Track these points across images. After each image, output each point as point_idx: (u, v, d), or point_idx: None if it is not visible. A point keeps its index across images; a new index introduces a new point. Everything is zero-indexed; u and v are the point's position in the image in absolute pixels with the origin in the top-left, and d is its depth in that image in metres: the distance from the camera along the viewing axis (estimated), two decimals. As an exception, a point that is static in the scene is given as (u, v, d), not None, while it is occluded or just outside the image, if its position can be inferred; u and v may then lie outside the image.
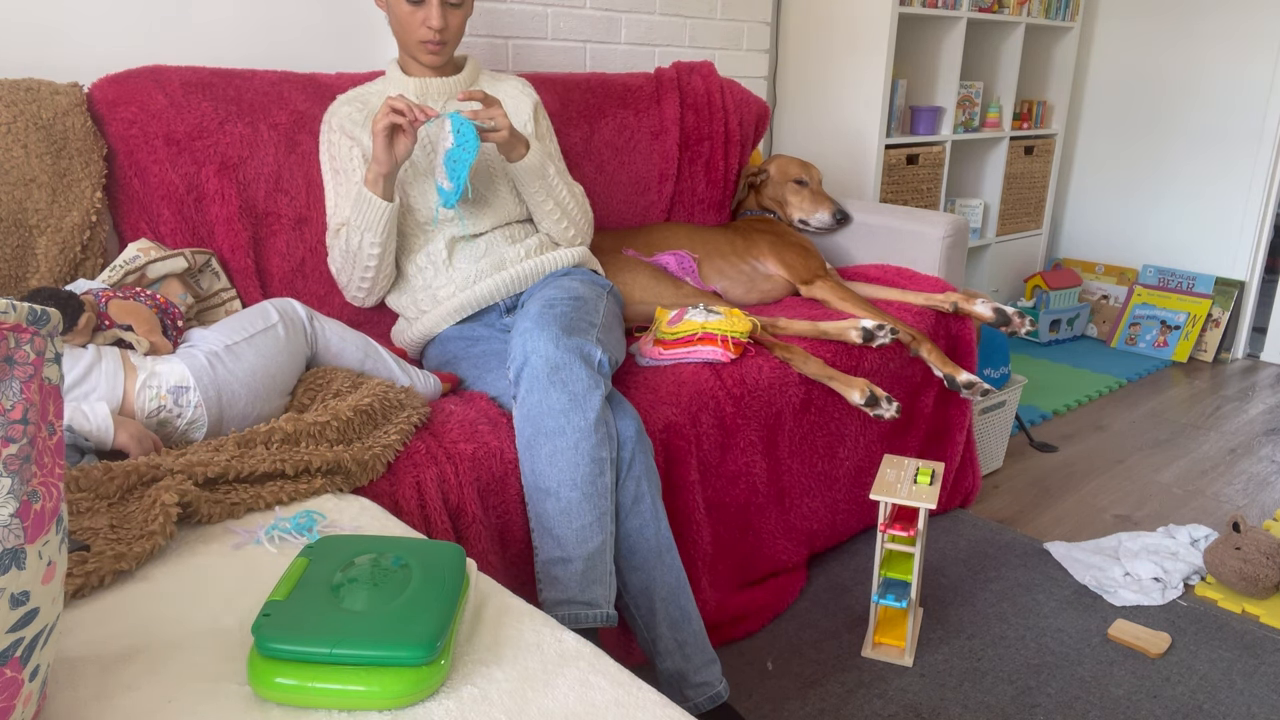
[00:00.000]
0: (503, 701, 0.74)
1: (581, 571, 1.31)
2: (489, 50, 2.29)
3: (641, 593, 1.39)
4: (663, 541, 1.40)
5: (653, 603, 1.38)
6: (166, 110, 1.62)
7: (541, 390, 1.34)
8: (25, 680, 0.62)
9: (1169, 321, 3.54)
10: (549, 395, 1.33)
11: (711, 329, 1.69)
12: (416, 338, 1.71)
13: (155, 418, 1.23)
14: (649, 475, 1.40)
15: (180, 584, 0.91)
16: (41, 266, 1.49)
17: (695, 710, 1.40)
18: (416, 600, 0.76)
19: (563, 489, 1.31)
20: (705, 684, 1.40)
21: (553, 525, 1.32)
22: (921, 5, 2.89)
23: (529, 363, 1.36)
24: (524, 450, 1.35)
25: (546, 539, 1.32)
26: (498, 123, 1.53)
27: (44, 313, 0.62)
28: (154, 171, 1.61)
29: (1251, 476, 2.48)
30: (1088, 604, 1.85)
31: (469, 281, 1.67)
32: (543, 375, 1.34)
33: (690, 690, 1.40)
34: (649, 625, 1.39)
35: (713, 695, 1.41)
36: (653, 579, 1.39)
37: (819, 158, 3.02)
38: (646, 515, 1.38)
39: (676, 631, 1.39)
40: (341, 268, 1.67)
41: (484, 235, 1.70)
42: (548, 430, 1.33)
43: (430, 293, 1.68)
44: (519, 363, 1.37)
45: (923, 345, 1.96)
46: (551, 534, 1.32)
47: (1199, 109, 3.52)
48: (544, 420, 1.33)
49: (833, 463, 1.91)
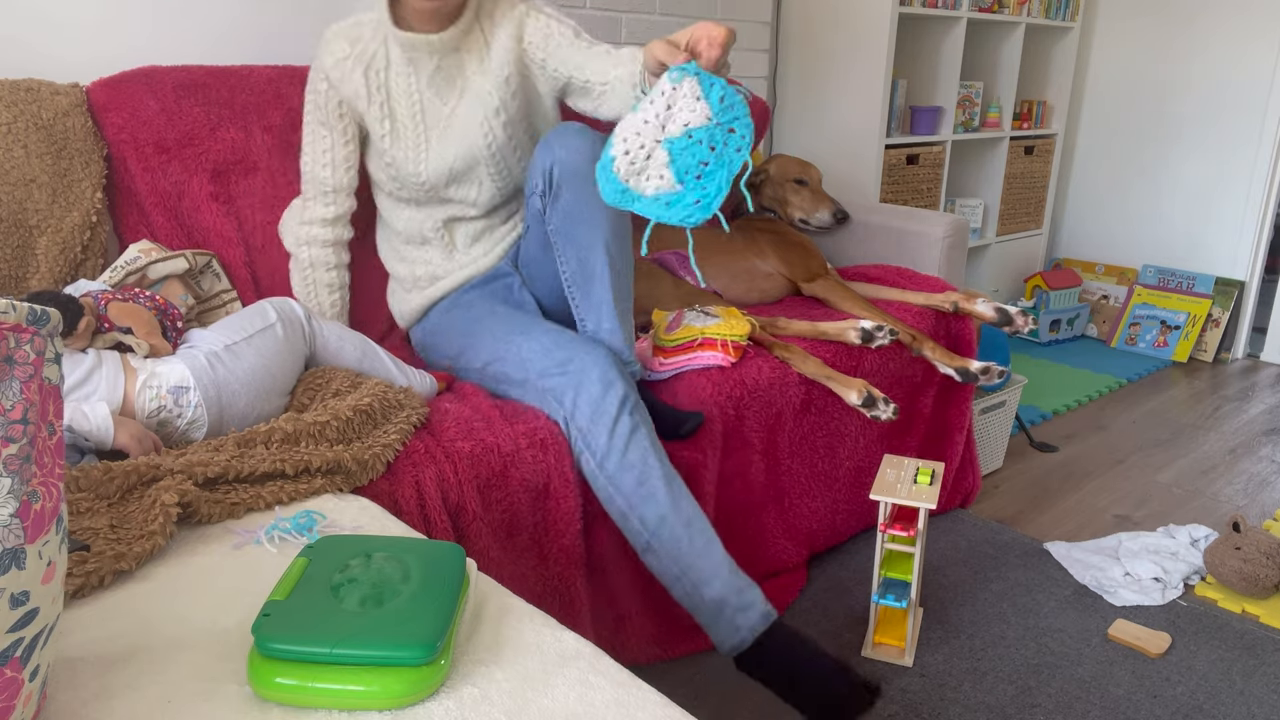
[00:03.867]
0: (503, 701, 0.74)
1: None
2: (489, 50, 2.29)
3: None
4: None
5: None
6: (157, 117, 1.61)
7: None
8: (25, 680, 0.62)
9: (1169, 321, 3.54)
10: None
11: (711, 334, 1.69)
12: (415, 309, 1.74)
13: (155, 418, 1.23)
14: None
15: (180, 584, 0.91)
16: (42, 267, 1.49)
17: (751, 635, 1.36)
18: (416, 600, 0.76)
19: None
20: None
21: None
22: (921, 5, 2.89)
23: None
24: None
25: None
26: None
27: (44, 313, 0.62)
28: (144, 179, 1.61)
29: (1251, 476, 2.48)
30: (1088, 604, 1.85)
31: (471, 260, 1.69)
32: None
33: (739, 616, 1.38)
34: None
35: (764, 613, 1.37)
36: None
37: (819, 158, 3.02)
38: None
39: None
40: (294, 260, 1.69)
41: (482, 219, 1.70)
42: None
43: (429, 269, 1.71)
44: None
45: (925, 345, 1.96)
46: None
47: (1199, 109, 3.52)
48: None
49: (833, 463, 1.91)
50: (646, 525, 1.38)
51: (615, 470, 1.38)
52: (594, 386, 1.40)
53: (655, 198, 1.02)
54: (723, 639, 1.37)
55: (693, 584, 1.36)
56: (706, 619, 1.37)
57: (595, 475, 1.40)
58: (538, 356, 1.46)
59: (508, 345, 1.52)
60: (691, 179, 0.99)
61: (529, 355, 1.48)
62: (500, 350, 1.53)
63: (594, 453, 1.39)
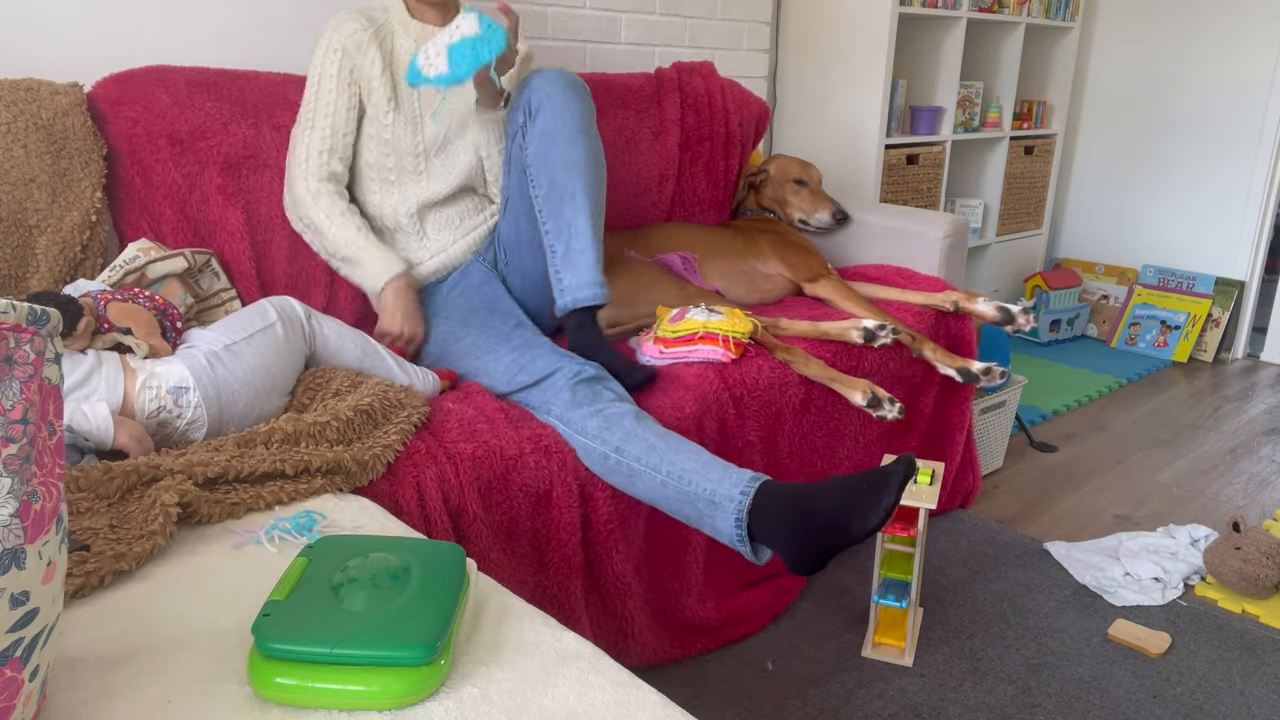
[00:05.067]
0: (503, 701, 0.74)
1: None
2: (489, 50, 2.29)
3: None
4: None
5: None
6: (170, 109, 1.62)
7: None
8: (25, 680, 0.62)
9: (1169, 321, 3.54)
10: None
11: (713, 328, 1.69)
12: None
13: (155, 418, 1.23)
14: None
15: (180, 584, 0.91)
16: (41, 266, 1.49)
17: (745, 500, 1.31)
18: (416, 600, 0.76)
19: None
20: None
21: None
22: (921, 5, 2.89)
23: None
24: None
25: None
26: (509, 33, 1.53)
27: (44, 313, 0.62)
28: (157, 170, 1.62)
29: (1251, 476, 2.48)
30: (1088, 604, 1.85)
31: (441, 248, 1.75)
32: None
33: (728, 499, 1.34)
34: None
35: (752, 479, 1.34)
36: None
37: (819, 158, 3.02)
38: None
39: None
40: (299, 227, 1.71)
41: (455, 205, 1.76)
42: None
43: (401, 256, 1.74)
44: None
45: (925, 345, 1.96)
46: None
47: (1199, 109, 3.52)
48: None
49: (832, 463, 1.91)
50: (621, 451, 1.39)
51: (581, 420, 1.42)
52: (564, 393, 1.45)
53: (436, 77, 1.51)
54: (725, 519, 1.31)
55: (678, 478, 1.35)
56: (705, 507, 1.33)
57: (574, 438, 1.44)
58: (503, 380, 1.53)
59: (476, 362, 1.59)
60: (454, 65, 1.49)
61: (496, 376, 1.55)
62: (469, 369, 1.60)
63: (568, 423, 1.44)
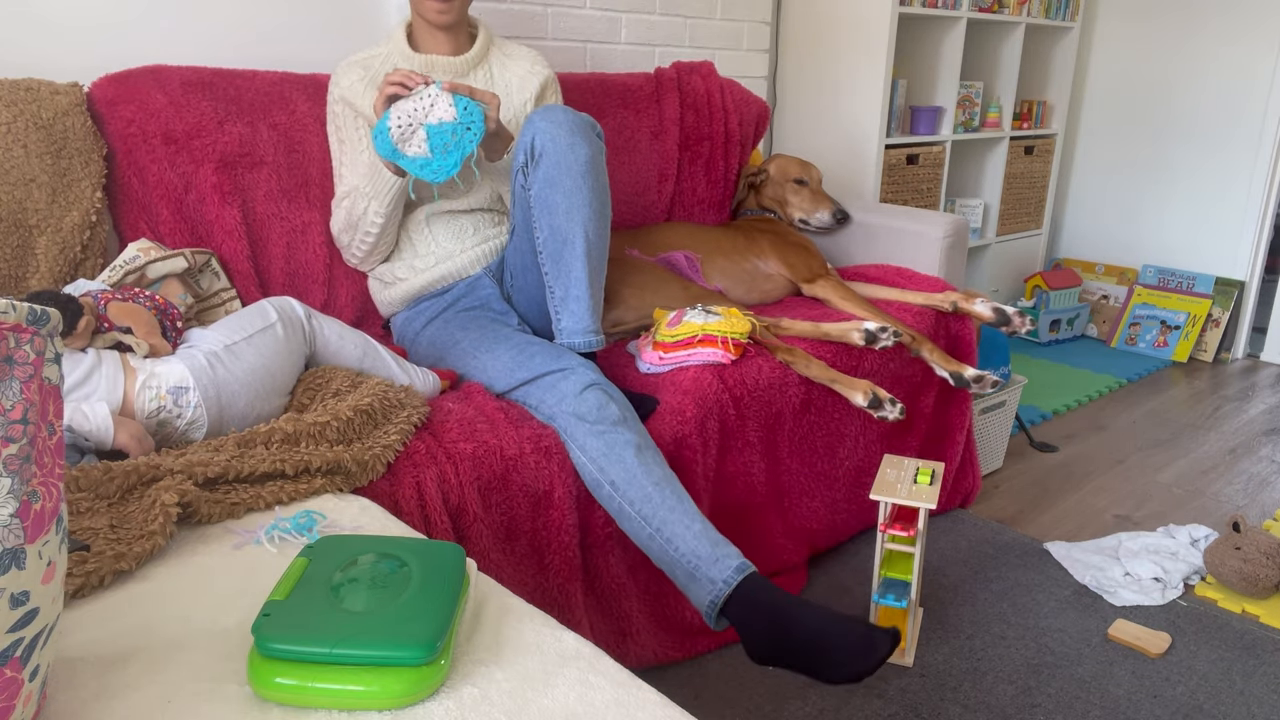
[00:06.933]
0: (503, 701, 0.74)
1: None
2: (489, 50, 2.29)
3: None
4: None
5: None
6: (166, 109, 1.62)
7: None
8: (25, 680, 0.62)
9: (1169, 321, 3.54)
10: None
11: (711, 330, 1.69)
12: (395, 298, 1.77)
13: (155, 418, 1.23)
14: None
15: (180, 584, 0.91)
16: (41, 266, 1.49)
17: (727, 588, 1.31)
18: (416, 600, 0.76)
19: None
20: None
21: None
22: (921, 5, 2.89)
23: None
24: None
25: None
26: (489, 113, 1.51)
27: (44, 312, 0.62)
28: (152, 170, 1.61)
29: (1251, 476, 2.48)
30: (1088, 604, 1.85)
31: (447, 255, 1.73)
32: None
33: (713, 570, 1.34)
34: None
35: (738, 565, 1.33)
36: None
37: (819, 158, 3.02)
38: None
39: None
40: (344, 229, 1.72)
41: (470, 217, 1.75)
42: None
43: (407, 263, 1.74)
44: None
45: (924, 346, 1.96)
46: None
47: (1199, 109, 3.52)
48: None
49: (833, 463, 1.91)
50: (617, 488, 1.38)
51: (583, 437, 1.41)
52: (569, 398, 1.44)
53: (414, 159, 1.47)
54: (700, 596, 1.32)
55: (666, 539, 1.35)
56: (683, 577, 1.33)
57: (572, 450, 1.43)
58: (502, 377, 1.53)
59: (474, 361, 1.59)
60: (439, 152, 1.46)
61: (495, 374, 1.54)
62: (467, 368, 1.60)
63: (570, 435, 1.43)
